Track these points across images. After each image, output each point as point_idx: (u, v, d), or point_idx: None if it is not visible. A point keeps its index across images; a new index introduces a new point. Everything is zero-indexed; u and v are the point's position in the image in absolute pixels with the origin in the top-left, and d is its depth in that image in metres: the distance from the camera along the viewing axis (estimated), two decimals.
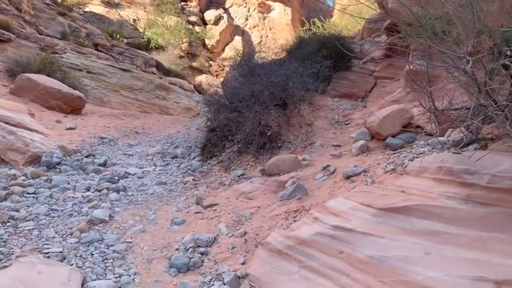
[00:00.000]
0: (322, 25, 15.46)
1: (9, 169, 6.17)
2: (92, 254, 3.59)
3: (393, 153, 4.67)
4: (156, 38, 20.31)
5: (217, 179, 5.56)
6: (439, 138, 4.01)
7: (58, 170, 6.28)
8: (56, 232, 3.99)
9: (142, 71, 15.57)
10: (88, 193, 5.16)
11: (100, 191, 5.28)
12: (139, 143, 8.43)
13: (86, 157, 6.96)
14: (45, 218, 4.33)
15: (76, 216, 4.43)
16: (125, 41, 18.95)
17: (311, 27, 15.50)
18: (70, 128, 8.67)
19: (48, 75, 10.79)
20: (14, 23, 12.65)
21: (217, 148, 6.44)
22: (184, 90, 15.56)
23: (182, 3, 22.56)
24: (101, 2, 20.23)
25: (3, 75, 11.12)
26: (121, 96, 12.62)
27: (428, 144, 4.40)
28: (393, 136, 5.14)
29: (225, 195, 4.86)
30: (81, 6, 19.53)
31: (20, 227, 4.08)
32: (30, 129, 7.65)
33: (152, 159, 7.13)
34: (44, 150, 6.56)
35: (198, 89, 19.20)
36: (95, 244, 3.78)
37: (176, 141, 8.74)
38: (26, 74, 10.00)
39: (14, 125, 7.53)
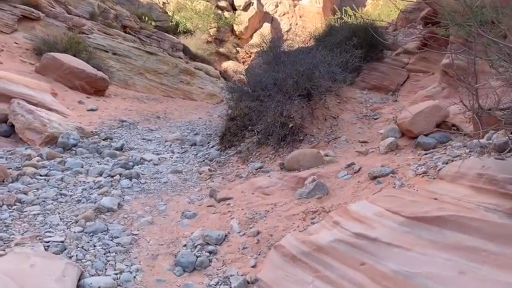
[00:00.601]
0: (354, 14, 14.84)
1: (26, 149, 6.06)
2: (95, 246, 3.37)
3: (425, 154, 4.26)
4: (184, 22, 20.05)
5: (234, 171, 5.27)
6: (479, 140, 3.59)
7: (74, 152, 6.13)
8: (61, 219, 3.79)
9: (169, 54, 15.37)
10: (99, 178, 4.97)
11: (112, 176, 5.07)
12: (159, 128, 8.22)
13: (103, 140, 6.80)
14: (52, 203, 4.14)
15: (84, 202, 4.23)
16: (153, 24, 18.76)
17: (342, 16, 14.93)
18: (91, 110, 8.54)
19: (74, 55, 10.69)
20: (43, 1, 12.60)
21: (237, 138, 6.14)
22: (209, 76, 15.31)
23: None
24: None
25: (30, 54, 11.10)
26: (145, 79, 12.45)
27: (464, 146, 3.98)
28: (426, 135, 4.71)
29: (241, 188, 4.57)
30: None
31: (25, 211, 3.90)
32: (50, 109, 7.55)
33: (171, 145, 6.90)
34: (61, 131, 6.42)
35: (224, 75, 18.91)
36: (99, 235, 3.56)
37: (196, 127, 8.49)
38: (52, 53, 9.91)
39: (35, 104, 7.44)
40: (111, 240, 3.50)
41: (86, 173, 5.21)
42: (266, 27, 22.31)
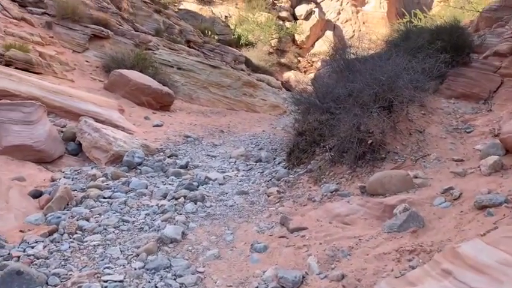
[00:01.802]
0: (424, 16, 13.76)
1: (92, 168, 5.91)
2: (156, 287, 2.93)
3: None
4: (246, 35, 19.89)
5: (306, 193, 4.68)
6: None
7: (139, 170, 5.87)
8: (121, 251, 3.43)
9: (232, 67, 15.17)
10: (163, 201, 4.60)
11: (176, 199, 4.69)
12: (223, 142, 7.84)
13: (168, 157, 6.50)
14: (113, 232, 3.81)
15: (146, 231, 3.86)
16: (216, 37, 18.77)
17: (412, 19, 13.90)
18: (157, 125, 8.37)
19: (141, 71, 10.71)
20: (112, 20, 12.87)
21: (306, 154, 5.55)
22: (271, 87, 14.90)
23: None
24: None
25: (100, 71, 11.29)
26: (209, 93, 12.24)
27: None
28: None
29: (315, 215, 3.97)
30: (176, 4, 19.75)
31: (86, 242, 3.59)
32: (116, 126, 7.45)
33: (235, 162, 6.46)
34: (126, 149, 6.20)
35: (286, 85, 18.44)
36: (162, 272, 3.13)
37: (261, 141, 8.01)
38: (119, 70, 9.96)
39: (102, 121, 7.38)
40: (174, 279, 3.05)
41: (150, 195, 4.88)
42: (328, 35, 21.60)
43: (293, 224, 3.80)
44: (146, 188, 5.11)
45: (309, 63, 21.13)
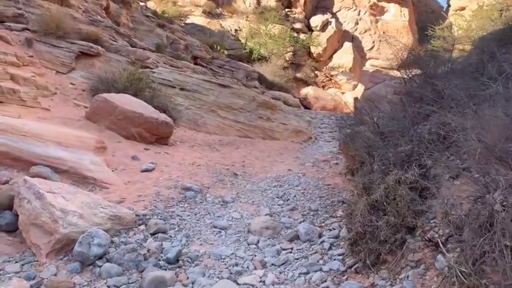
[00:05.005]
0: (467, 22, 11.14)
1: (22, 265, 3.39)
2: None
3: None
4: (259, 49, 17.41)
5: None
6: None
7: (97, 270, 3.31)
8: None
9: (243, 85, 12.68)
10: None
11: None
12: (237, 196, 5.25)
13: (152, 235, 3.92)
14: None
15: None
16: (226, 52, 16.35)
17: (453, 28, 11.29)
18: (146, 170, 5.81)
19: (135, 94, 8.24)
20: (104, 35, 10.47)
21: (388, 246, 2.93)
22: (289, 105, 12.37)
23: (287, 9, 19.40)
24: (203, 12, 17.92)
25: (86, 95, 8.84)
26: (218, 117, 9.70)
27: None
28: None
29: None
30: (182, 18, 17.39)
31: None
32: (85, 177, 5.02)
33: (258, 243, 3.84)
34: (81, 228, 3.63)
35: (304, 103, 15.90)
36: None
37: (290, 192, 5.41)
38: (104, 95, 7.48)
39: (65, 171, 4.97)
40: None
41: None
42: (347, 46, 19.03)
43: None
44: None
45: (328, 77, 18.55)
